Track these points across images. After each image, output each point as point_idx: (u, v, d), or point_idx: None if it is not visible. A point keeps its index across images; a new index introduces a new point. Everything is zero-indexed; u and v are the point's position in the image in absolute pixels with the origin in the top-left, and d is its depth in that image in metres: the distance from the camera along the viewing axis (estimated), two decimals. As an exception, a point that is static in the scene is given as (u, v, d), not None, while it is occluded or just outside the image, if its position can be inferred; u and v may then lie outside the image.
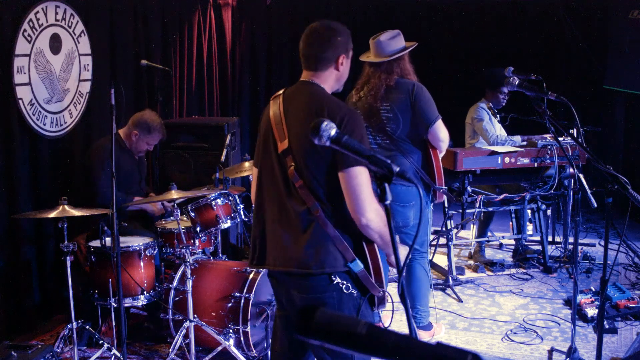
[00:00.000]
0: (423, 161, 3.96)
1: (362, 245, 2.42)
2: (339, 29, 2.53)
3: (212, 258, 4.33)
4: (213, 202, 4.04)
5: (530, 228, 5.83)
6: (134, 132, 4.45)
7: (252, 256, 2.60)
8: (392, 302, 2.68)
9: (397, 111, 3.83)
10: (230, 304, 3.83)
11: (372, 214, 2.32)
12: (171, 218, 4.32)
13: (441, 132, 3.87)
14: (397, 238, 2.37)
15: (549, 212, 5.97)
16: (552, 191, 5.36)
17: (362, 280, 2.42)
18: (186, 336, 3.72)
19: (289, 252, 2.43)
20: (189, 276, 3.69)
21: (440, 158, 4.00)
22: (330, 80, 2.54)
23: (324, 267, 2.37)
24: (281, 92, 2.59)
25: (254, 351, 3.82)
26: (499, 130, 5.65)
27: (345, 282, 2.40)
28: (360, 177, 2.32)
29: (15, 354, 3.09)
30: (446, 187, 4.10)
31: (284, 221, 2.45)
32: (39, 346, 3.24)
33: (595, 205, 4.32)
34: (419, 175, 3.93)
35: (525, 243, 5.94)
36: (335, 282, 2.39)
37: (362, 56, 3.95)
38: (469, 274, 5.53)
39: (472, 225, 5.84)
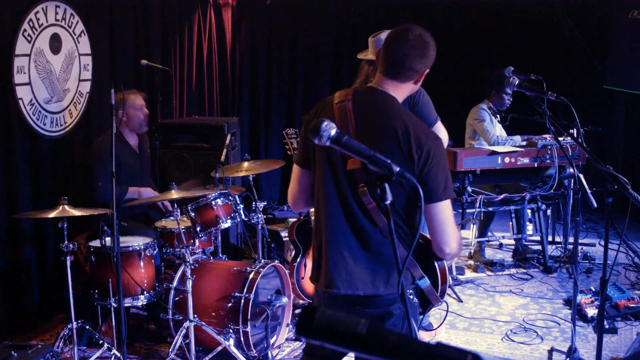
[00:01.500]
0: None
1: (433, 263, 2.43)
2: (432, 42, 2.34)
3: (212, 258, 4.33)
4: (213, 202, 4.04)
5: (530, 228, 5.84)
6: (119, 114, 4.39)
7: (313, 272, 2.47)
8: (447, 310, 2.74)
9: None
10: (230, 304, 3.83)
11: (454, 244, 2.29)
12: (171, 218, 4.32)
13: (441, 133, 3.84)
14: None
15: (549, 212, 5.97)
16: (552, 191, 5.36)
17: (427, 294, 2.40)
18: (186, 336, 3.72)
19: (358, 274, 2.33)
20: (189, 276, 3.69)
21: None
22: (407, 92, 2.37)
23: (394, 289, 2.31)
24: (346, 96, 2.34)
25: (254, 351, 3.82)
26: (499, 130, 5.66)
27: (412, 292, 2.40)
28: (447, 212, 2.25)
29: (15, 354, 3.09)
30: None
31: (352, 241, 2.33)
32: (39, 346, 3.24)
33: (595, 205, 4.32)
34: None
35: (525, 243, 5.94)
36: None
37: (360, 54, 3.95)
38: (469, 274, 5.54)
39: (472, 225, 5.85)
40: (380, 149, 2.01)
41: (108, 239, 3.73)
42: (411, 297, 2.39)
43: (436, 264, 2.45)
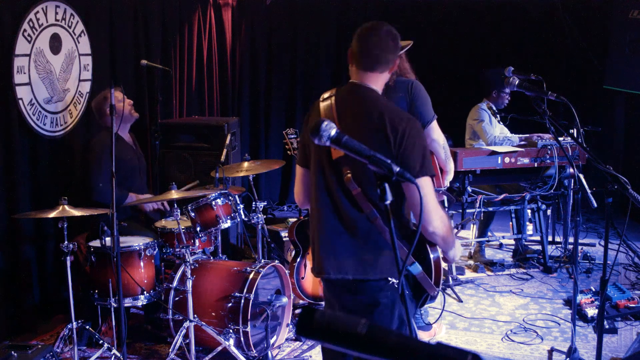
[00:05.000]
0: None
1: (425, 246, 2.45)
2: (396, 32, 2.49)
3: (212, 258, 4.33)
4: (213, 202, 4.04)
5: (530, 228, 5.83)
6: (106, 116, 4.31)
7: (313, 265, 2.59)
8: (444, 304, 2.72)
9: None
10: (230, 304, 3.83)
11: (438, 222, 2.33)
12: (171, 218, 4.32)
13: (434, 132, 3.78)
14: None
15: (549, 212, 5.97)
16: (552, 191, 5.36)
17: (420, 281, 2.45)
18: (186, 336, 3.72)
19: (348, 259, 2.43)
20: (189, 276, 3.69)
21: (437, 159, 3.93)
22: (382, 83, 2.51)
23: (383, 273, 2.39)
24: (330, 94, 2.51)
25: (254, 351, 3.82)
26: (499, 129, 5.66)
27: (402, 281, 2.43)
28: (426, 188, 2.29)
29: (15, 354, 3.09)
30: (446, 187, 4.08)
31: (340, 228, 2.44)
32: (39, 346, 3.24)
33: (595, 205, 4.32)
34: None
35: (525, 243, 5.94)
36: (391, 283, 2.41)
37: None
38: (469, 274, 5.53)
39: (472, 225, 5.85)
40: (360, 137, 2.12)
41: (108, 239, 3.73)
42: (398, 286, 2.41)
43: (431, 255, 2.49)
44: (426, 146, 2.38)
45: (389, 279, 2.40)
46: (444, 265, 2.67)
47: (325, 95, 2.52)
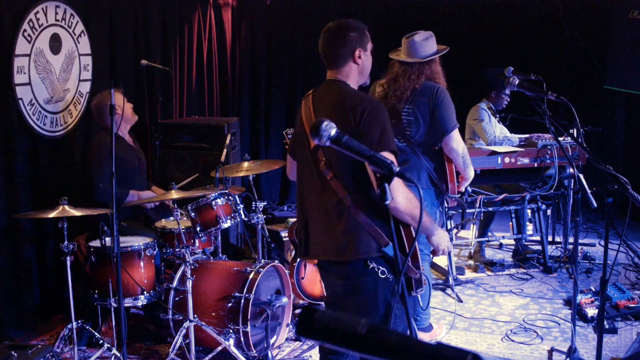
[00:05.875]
0: (437, 167, 3.89)
1: (399, 228, 2.52)
2: (350, 25, 2.65)
3: (212, 258, 4.33)
4: (213, 202, 4.04)
5: (530, 228, 5.83)
6: (106, 116, 4.26)
7: (298, 248, 2.78)
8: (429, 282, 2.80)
9: (418, 115, 3.77)
10: (230, 304, 3.83)
11: (399, 197, 2.41)
12: (171, 218, 4.32)
13: (453, 141, 3.77)
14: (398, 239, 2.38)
15: (549, 212, 5.97)
16: (552, 191, 5.36)
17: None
18: (186, 336, 3.72)
19: (327, 241, 2.59)
20: (189, 276, 3.69)
21: (454, 167, 3.91)
22: (353, 74, 2.65)
23: (358, 254, 2.50)
24: (310, 91, 2.74)
25: (254, 351, 3.82)
26: (499, 129, 5.66)
27: (380, 267, 2.51)
28: None
29: (15, 354, 3.09)
30: (459, 195, 4.06)
31: (321, 212, 2.61)
32: (39, 346, 3.24)
33: (595, 205, 4.32)
34: (430, 180, 3.87)
35: (525, 243, 5.94)
36: (370, 267, 2.51)
37: (392, 53, 3.94)
38: (469, 274, 5.53)
39: (472, 225, 5.84)
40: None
41: (108, 239, 3.73)
42: (378, 270, 2.51)
43: (401, 229, 2.54)
44: (386, 124, 2.50)
45: (368, 263, 2.51)
46: (435, 259, 2.73)
47: (307, 93, 2.74)
